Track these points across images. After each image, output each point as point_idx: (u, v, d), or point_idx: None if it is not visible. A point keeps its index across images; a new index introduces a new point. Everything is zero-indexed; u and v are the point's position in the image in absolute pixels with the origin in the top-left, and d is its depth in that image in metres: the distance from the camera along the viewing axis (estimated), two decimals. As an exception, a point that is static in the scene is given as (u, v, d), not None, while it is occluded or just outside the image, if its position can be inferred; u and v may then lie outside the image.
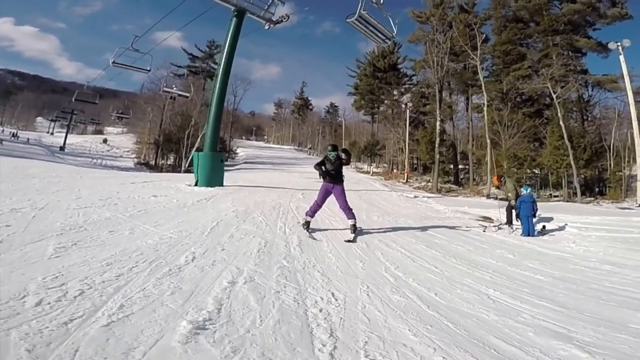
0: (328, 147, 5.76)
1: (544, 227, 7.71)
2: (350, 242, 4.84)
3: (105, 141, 49.31)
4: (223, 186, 10.33)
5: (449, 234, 6.28)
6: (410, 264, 4.10)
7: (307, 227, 5.25)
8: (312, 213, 5.40)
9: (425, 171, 30.84)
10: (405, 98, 33.41)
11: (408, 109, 30.19)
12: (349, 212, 5.31)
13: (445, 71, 26.02)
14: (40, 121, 74.07)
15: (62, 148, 37.41)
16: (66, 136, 40.75)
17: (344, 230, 5.37)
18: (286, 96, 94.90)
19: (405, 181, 26.11)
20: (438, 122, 24.37)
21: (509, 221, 7.94)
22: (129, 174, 14.85)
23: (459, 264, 4.30)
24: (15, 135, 44.24)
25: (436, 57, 25.38)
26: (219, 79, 11.55)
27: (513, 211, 7.90)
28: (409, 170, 29.03)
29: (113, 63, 14.90)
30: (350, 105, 45.51)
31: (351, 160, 5.72)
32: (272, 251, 4.02)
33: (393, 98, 37.63)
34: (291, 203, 7.89)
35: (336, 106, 58.35)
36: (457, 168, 28.31)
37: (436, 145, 23.58)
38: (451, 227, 7.05)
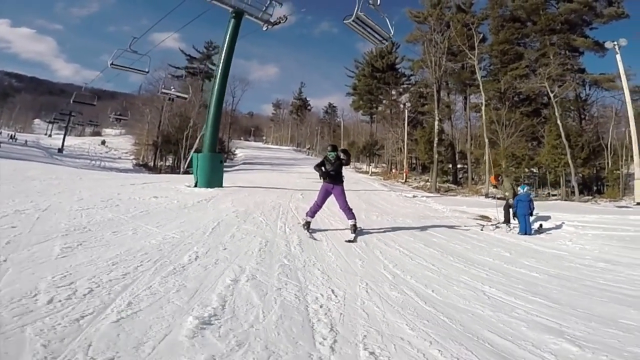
0: (328, 148, 5.75)
1: (541, 226, 7.76)
2: (350, 242, 4.86)
3: (103, 143, 49.28)
4: (222, 187, 10.33)
5: (447, 233, 6.33)
6: (408, 262, 4.17)
7: (308, 228, 5.26)
8: (312, 213, 5.41)
9: (424, 171, 30.90)
10: (403, 98, 33.56)
11: (406, 109, 30.30)
12: (349, 212, 5.32)
13: (443, 71, 26.05)
14: (37, 123, 73.85)
15: (61, 150, 37.42)
16: (64, 138, 40.79)
17: (344, 230, 5.41)
18: (284, 97, 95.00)
19: (404, 181, 26.16)
20: (436, 122, 24.41)
21: (507, 220, 8.00)
22: (128, 176, 14.81)
23: (456, 262, 4.37)
24: (13, 137, 44.12)
25: (434, 57, 25.43)
26: (218, 80, 11.53)
27: (510, 210, 7.96)
28: (408, 170, 29.08)
29: (111, 65, 14.83)
30: (348, 105, 45.65)
31: (351, 160, 5.74)
32: (273, 250, 4.08)
33: (391, 98, 37.75)
34: (290, 203, 7.93)
35: (335, 106, 58.47)
36: (456, 167, 28.36)
37: (435, 145, 23.61)
38: (449, 226, 7.10)
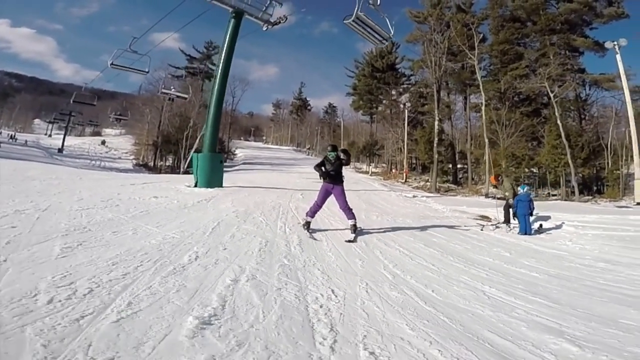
0: (328, 148, 5.75)
1: (541, 226, 7.77)
2: (350, 242, 4.86)
3: (103, 143, 49.29)
4: (222, 187, 10.33)
5: (447, 233, 6.33)
6: (408, 262, 4.17)
7: (308, 228, 5.26)
8: (312, 213, 5.41)
9: (424, 171, 30.90)
10: (403, 98, 33.56)
11: (406, 109, 30.31)
12: (349, 212, 5.31)
13: (443, 71, 26.06)
14: (37, 123, 73.88)
15: (61, 150, 37.44)
16: (64, 138, 40.81)
17: (344, 230, 5.41)
18: (284, 97, 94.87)
19: (404, 181, 26.16)
20: (436, 122, 24.41)
21: (507, 220, 8.00)
22: (128, 176, 14.82)
23: (456, 262, 4.37)
24: (13, 137, 44.15)
25: (434, 57, 25.43)
26: (218, 81, 11.52)
27: (510, 210, 7.97)
28: (408, 170, 29.08)
29: (111, 65, 14.83)
30: (348, 105, 45.63)
31: (351, 160, 5.73)
32: (273, 250, 4.09)
33: (391, 98, 37.75)
34: (290, 203, 7.93)
35: (334, 106, 58.46)
36: (456, 167, 28.37)
37: (435, 144, 23.61)
38: (449, 226, 7.10)
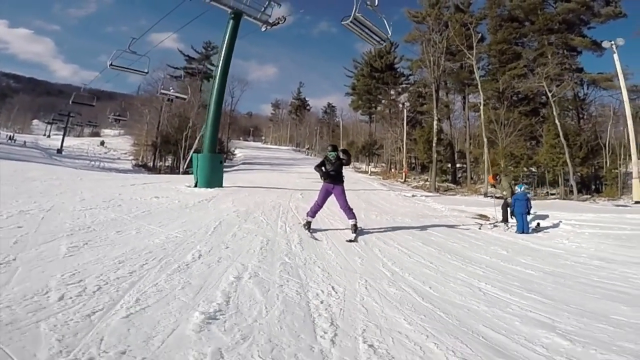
0: (328, 148, 5.77)
1: (538, 225, 7.85)
2: (351, 242, 4.90)
3: (102, 143, 49.28)
4: (222, 187, 10.38)
5: (445, 232, 6.41)
6: (406, 260, 4.25)
7: (309, 228, 5.30)
8: (313, 213, 5.44)
9: (423, 170, 30.96)
10: (402, 98, 33.62)
11: (405, 109, 30.36)
12: (350, 212, 5.33)
13: (441, 71, 26.09)
14: (36, 124, 73.72)
15: (60, 151, 37.43)
16: (63, 139, 40.77)
17: (344, 230, 5.46)
18: (283, 97, 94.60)
19: (403, 180, 26.24)
20: (435, 122, 24.44)
21: (505, 219, 8.04)
22: (128, 176, 14.86)
23: (454, 260, 4.45)
24: (11, 138, 44.11)
25: (432, 57, 25.45)
26: (217, 81, 11.54)
27: (508, 209, 8.05)
28: (407, 169, 29.17)
29: (110, 65, 14.87)
30: (347, 105, 45.52)
31: (351, 160, 5.79)
32: (274, 249, 4.17)
33: (390, 98, 37.79)
34: (290, 203, 8.00)
35: (334, 106, 58.47)
36: (455, 167, 28.44)
37: (434, 144, 23.64)
38: (448, 225, 7.18)
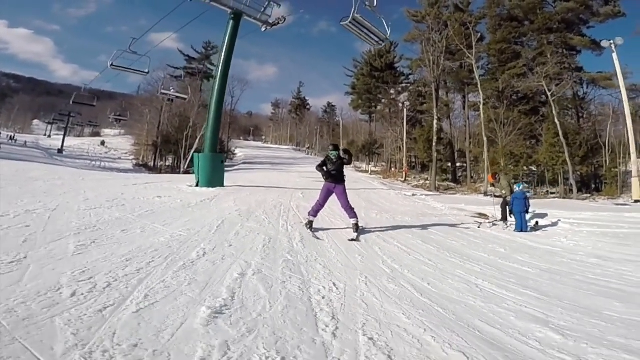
0: (329, 147, 5.80)
1: (537, 223, 7.91)
2: (353, 241, 4.92)
3: (103, 143, 49.41)
4: (224, 186, 10.43)
5: (445, 230, 6.48)
6: (406, 258, 4.34)
7: (310, 227, 5.33)
8: (315, 213, 5.47)
9: (423, 169, 31.05)
10: (402, 97, 33.73)
11: (405, 108, 30.45)
12: (351, 212, 5.35)
13: (441, 70, 26.15)
14: (36, 124, 73.87)
15: (61, 151, 37.55)
16: (64, 139, 40.87)
17: (345, 229, 5.51)
18: (283, 96, 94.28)
19: (403, 180, 26.33)
20: (435, 121, 24.49)
21: (504, 217, 8.09)
22: (129, 176, 14.92)
23: (452, 257, 4.53)
24: (12, 138, 44.22)
25: (432, 56, 25.52)
26: (218, 81, 11.58)
27: (507, 208, 8.11)
28: (407, 168, 29.26)
29: (111, 65, 14.89)
30: (347, 104, 45.64)
31: (352, 160, 5.84)
32: (277, 247, 4.26)
33: (390, 97, 37.85)
34: (292, 202, 8.07)
35: (334, 106, 58.59)
36: (455, 166, 28.50)
37: (434, 143, 23.70)
38: (447, 224, 7.24)
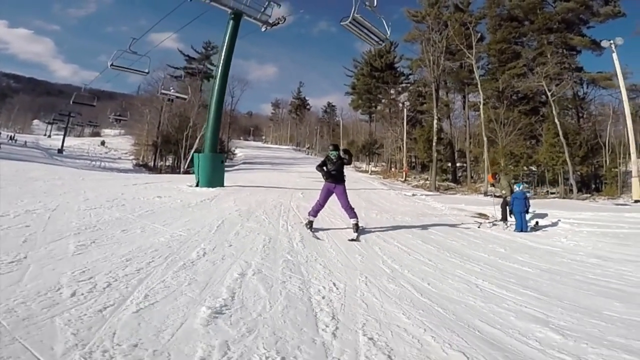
0: (329, 147, 5.79)
1: (537, 223, 7.90)
2: (353, 241, 4.91)
3: (103, 143, 49.43)
4: (224, 186, 10.43)
5: (445, 230, 6.48)
6: (406, 258, 4.34)
7: (311, 227, 5.33)
8: (315, 213, 5.46)
9: (423, 169, 31.05)
10: (402, 97, 33.71)
11: (405, 108, 30.45)
12: (351, 212, 5.34)
13: (441, 70, 26.14)
14: (36, 124, 73.90)
15: (60, 151, 37.55)
16: (64, 139, 40.87)
17: (345, 229, 5.51)
18: (283, 96, 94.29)
19: (403, 180, 26.32)
20: (435, 121, 24.48)
21: (504, 217, 8.09)
22: (129, 176, 14.92)
23: (452, 257, 4.53)
24: (12, 138, 44.24)
25: (432, 56, 25.51)
26: (218, 81, 11.57)
27: (507, 208, 8.11)
28: (407, 168, 29.25)
29: (111, 65, 14.88)
30: (347, 104, 45.65)
31: (352, 160, 5.84)
32: (277, 246, 4.26)
33: (390, 97, 37.85)
34: (291, 202, 8.07)
35: (334, 106, 58.62)
36: (455, 166, 28.50)
37: (434, 143, 23.68)
38: (447, 224, 7.24)
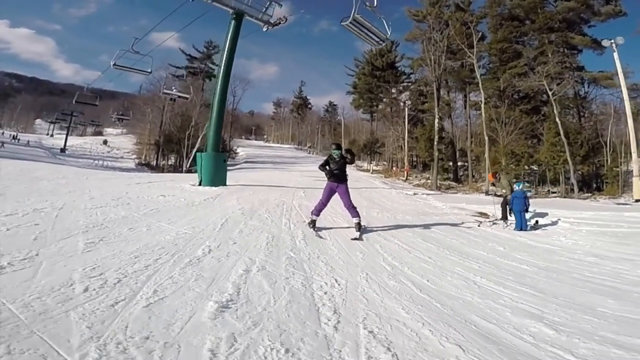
0: (332, 146, 5.81)
1: (537, 222, 7.96)
2: (356, 240, 4.94)
3: (105, 142, 49.67)
4: (226, 185, 10.49)
5: (445, 229, 6.56)
6: (406, 255, 4.43)
7: (313, 226, 5.36)
8: (317, 212, 5.49)
9: (424, 169, 31.12)
10: (403, 96, 33.66)
11: (407, 107, 30.46)
12: (354, 211, 5.36)
13: (442, 69, 26.14)
14: (39, 123, 74.29)
15: (63, 150, 37.78)
16: (66, 138, 41.03)
17: (347, 227, 5.56)
18: (285, 95, 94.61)
19: (405, 179, 26.36)
20: (436, 120, 24.50)
21: (504, 216, 8.15)
22: (132, 175, 15.02)
23: (452, 255, 4.62)
24: (15, 137, 44.54)
25: (433, 56, 25.51)
26: (220, 81, 11.61)
27: (507, 207, 8.16)
28: (409, 167, 29.29)
29: (114, 65, 14.96)
30: (349, 103, 45.91)
31: (355, 159, 5.88)
32: (280, 244, 4.35)
33: (391, 96, 37.89)
34: (294, 201, 8.15)
35: (335, 105, 58.86)
36: (456, 165, 28.54)
37: (435, 142, 23.69)
38: (447, 223, 7.33)
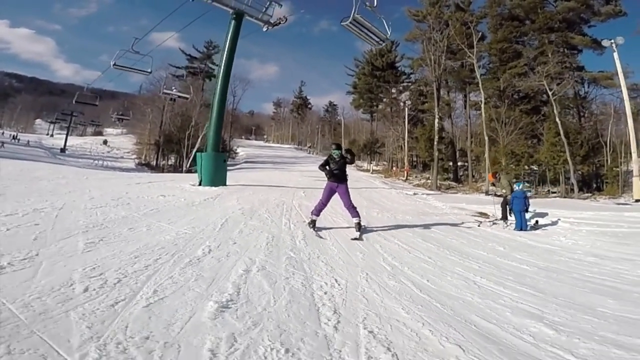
0: (332, 146, 5.81)
1: (537, 222, 7.96)
2: (356, 240, 4.94)
3: (105, 142, 49.68)
4: (226, 185, 10.49)
5: (445, 229, 6.56)
6: (406, 255, 4.43)
7: (314, 226, 5.36)
8: (318, 212, 5.49)
9: (424, 169, 31.11)
10: (403, 96, 33.66)
11: (407, 107, 30.45)
12: (354, 211, 5.36)
13: (442, 69, 26.12)
14: (39, 123, 74.30)
15: (63, 150, 37.78)
16: (66, 138, 41.02)
17: (347, 227, 5.56)
18: (285, 95, 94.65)
19: (405, 179, 26.36)
20: (436, 120, 24.49)
21: (504, 216, 8.16)
22: (132, 175, 15.01)
23: (452, 255, 4.62)
24: (15, 137, 44.54)
25: (433, 56, 25.50)
26: (220, 81, 11.61)
27: (507, 207, 8.16)
28: (409, 167, 29.29)
29: (114, 65, 14.95)
30: (349, 103, 45.93)
31: (355, 159, 5.88)
32: (280, 244, 4.35)
33: (391, 96, 37.88)
34: (294, 201, 8.15)
35: (335, 105, 58.89)
36: (456, 165, 28.54)
37: (435, 142, 23.67)
38: (447, 223, 7.32)
